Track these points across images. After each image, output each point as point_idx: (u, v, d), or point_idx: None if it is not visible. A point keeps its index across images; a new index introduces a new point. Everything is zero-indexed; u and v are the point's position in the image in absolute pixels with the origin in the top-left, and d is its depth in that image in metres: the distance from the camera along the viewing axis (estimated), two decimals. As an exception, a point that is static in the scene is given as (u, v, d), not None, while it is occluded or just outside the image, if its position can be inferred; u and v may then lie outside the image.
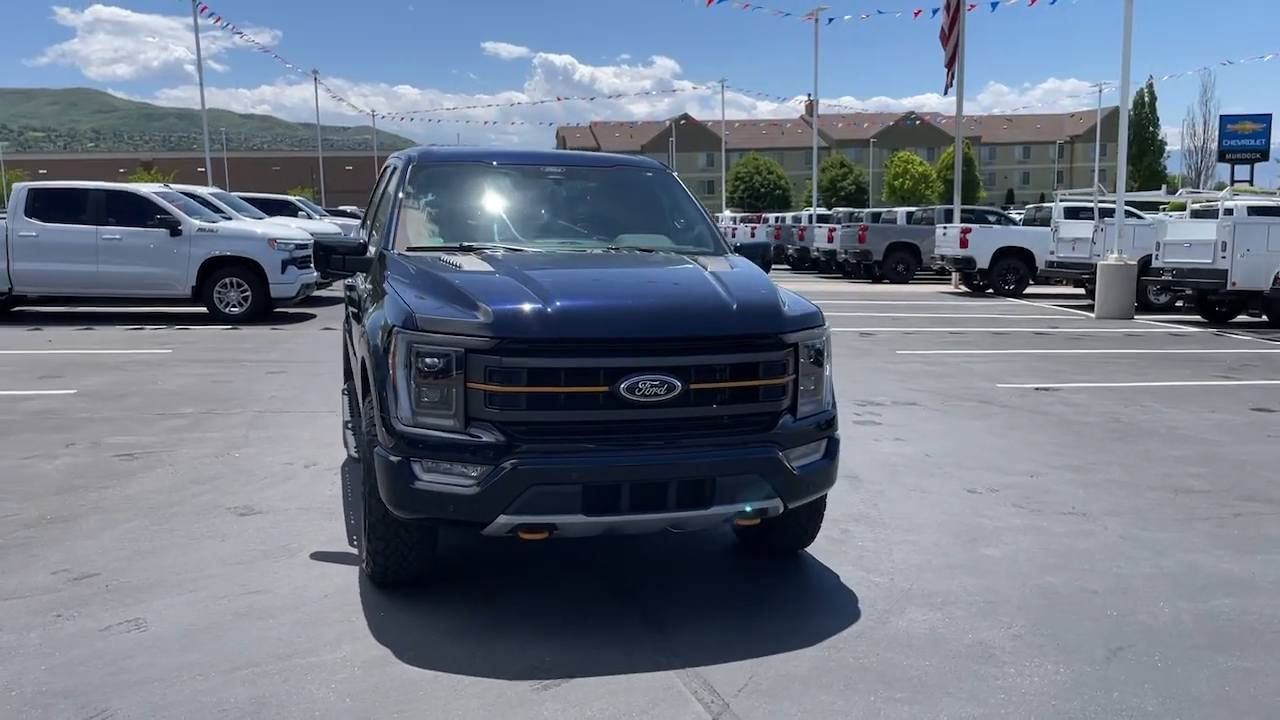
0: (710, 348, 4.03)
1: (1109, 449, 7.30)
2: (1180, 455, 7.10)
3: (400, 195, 5.30)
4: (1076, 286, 21.85)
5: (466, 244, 4.98)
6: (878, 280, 27.12)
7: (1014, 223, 25.39)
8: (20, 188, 14.56)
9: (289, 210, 26.08)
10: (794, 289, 4.84)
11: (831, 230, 29.43)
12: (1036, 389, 9.80)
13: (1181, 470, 6.67)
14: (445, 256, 4.77)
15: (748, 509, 4.10)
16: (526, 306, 3.95)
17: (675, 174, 5.91)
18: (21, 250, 14.22)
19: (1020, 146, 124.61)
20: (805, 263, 32.47)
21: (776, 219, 41.48)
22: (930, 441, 7.43)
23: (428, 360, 3.89)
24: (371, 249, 5.22)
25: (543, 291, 4.05)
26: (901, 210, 30.11)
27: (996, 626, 4.09)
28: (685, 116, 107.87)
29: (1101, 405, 8.96)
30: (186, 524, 5.32)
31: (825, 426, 4.38)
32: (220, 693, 3.45)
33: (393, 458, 3.94)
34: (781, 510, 4.21)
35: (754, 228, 39.00)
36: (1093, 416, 8.46)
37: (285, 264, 15.25)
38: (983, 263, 22.53)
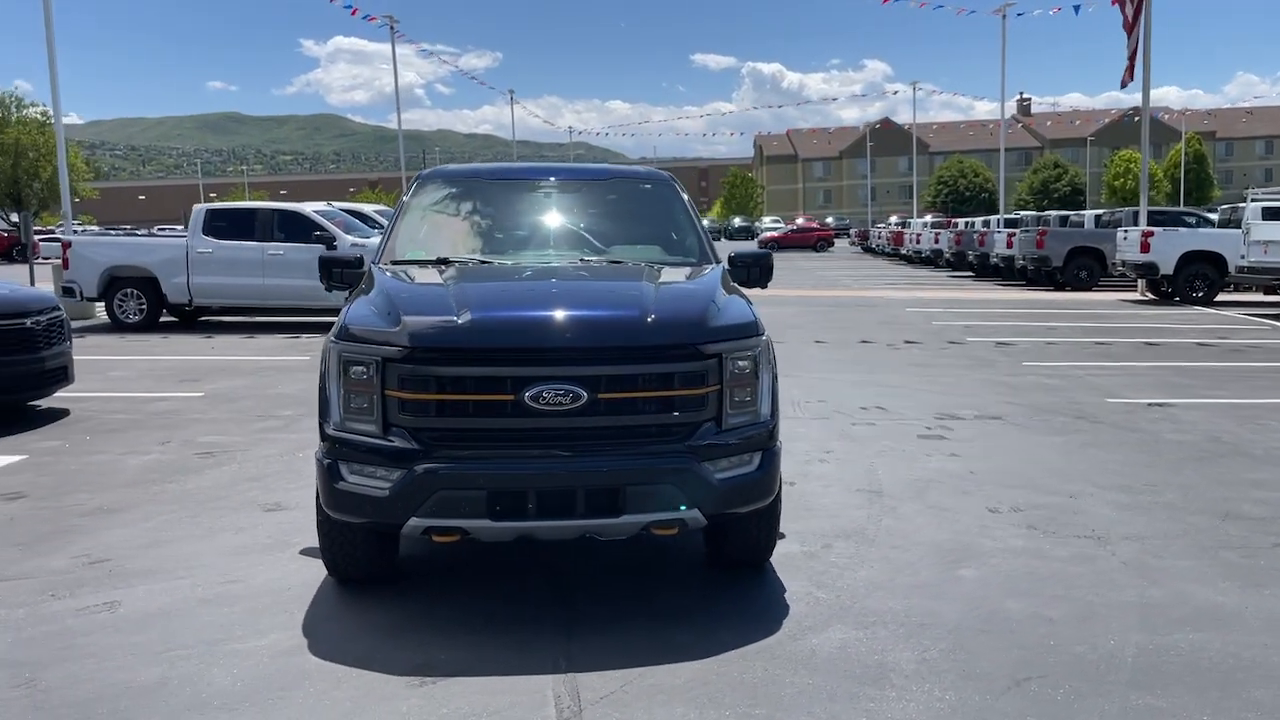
0: (618, 358, 4.09)
1: (1181, 470, 6.78)
2: (1258, 479, 6.52)
3: (400, 211, 5.62)
4: (1268, 294, 20.05)
5: (445, 258, 5.21)
6: (1060, 287, 25.74)
7: (1212, 225, 23.53)
8: (199, 209, 16.03)
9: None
10: (949, 297, 4.85)
11: (1011, 235, 28.16)
12: (1149, 404, 9.16)
13: (1247, 495, 6.13)
14: (414, 270, 5.02)
15: (662, 518, 4.13)
16: (438, 318, 4.14)
17: (678, 185, 5.94)
18: (199, 265, 15.64)
19: (1262, 141, 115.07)
20: (986, 269, 31.19)
21: (966, 223, 40.01)
22: (986, 458, 7.11)
23: (353, 368, 4.14)
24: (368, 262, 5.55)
25: (464, 303, 4.22)
26: (1089, 213, 28.45)
27: (912, 649, 3.95)
28: (884, 120, 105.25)
29: (1210, 423, 8.29)
30: (215, 518, 5.80)
31: (760, 438, 4.34)
32: (137, 670, 3.79)
33: (324, 460, 4.21)
34: (704, 521, 4.22)
35: (937, 234, 37.77)
36: (1191, 435, 7.85)
37: None
38: (1166, 268, 21.03)
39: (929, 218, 52.32)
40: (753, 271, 5.67)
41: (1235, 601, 4.44)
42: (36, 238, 22.89)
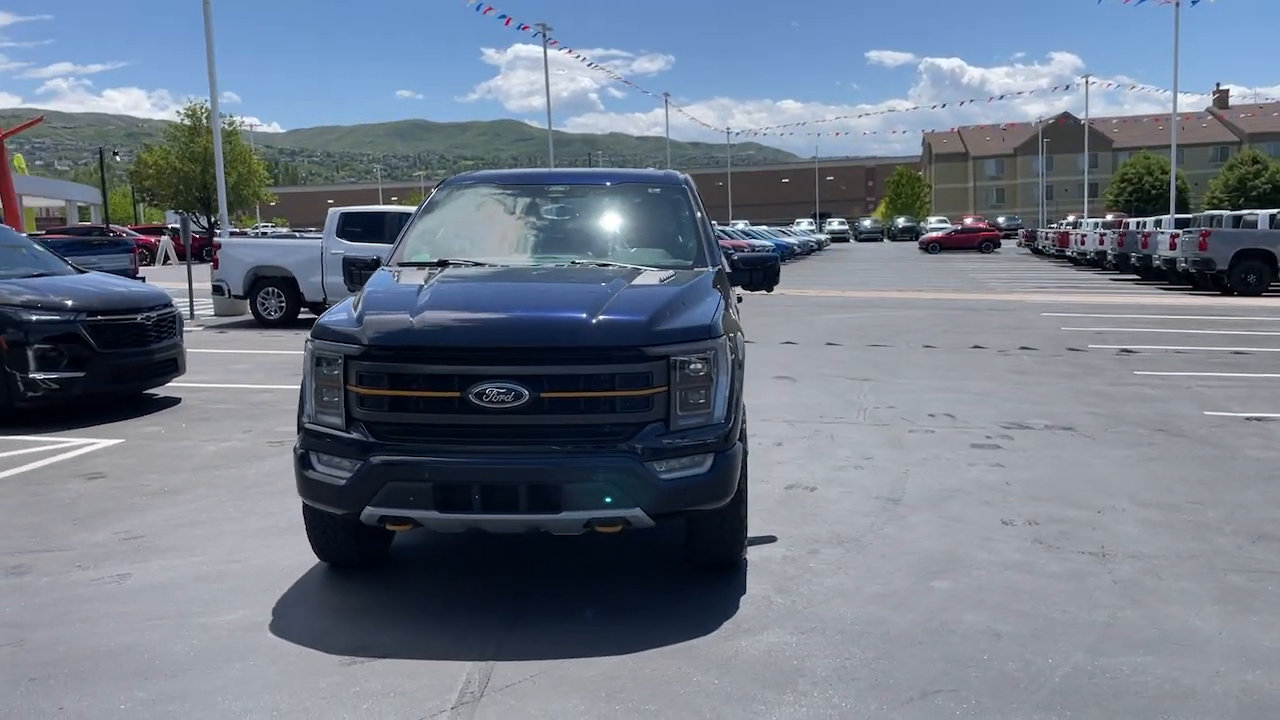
0: (560, 359, 4.22)
1: (1242, 488, 6.37)
2: (1321, 500, 6.06)
3: (416, 215, 5.91)
4: None
5: (444, 260, 5.46)
6: (1226, 292, 24.11)
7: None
8: (334, 213, 16.96)
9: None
10: (1096, 302, 4.90)
11: (1175, 236, 26.55)
12: (1246, 419, 8.59)
13: (1296, 516, 5.73)
14: (409, 271, 5.29)
15: (603, 516, 4.24)
16: (394, 316, 4.38)
17: (688, 189, 5.99)
18: (332, 266, 16.55)
19: None
20: (1150, 273, 29.48)
21: (1137, 223, 37.89)
22: (1030, 469, 6.86)
23: (323, 365, 4.42)
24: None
25: (426, 303, 4.45)
26: (1264, 213, 26.52)
27: (836, 657, 3.92)
28: (1062, 115, 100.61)
29: (1305, 439, 7.72)
30: (254, 502, 6.24)
31: (713, 441, 4.38)
32: (112, 637, 4.17)
33: (299, 450, 4.51)
34: (649, 521, 4.30)
35: (1102, 235, 35.93)
36: (1277, 452, 7.34)
37: None
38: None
39: (1109, 217, 49.74)
40: (755, 275, 5.70)
41: (1211, 627, 4.20)
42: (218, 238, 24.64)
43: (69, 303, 8.90)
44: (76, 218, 52.64)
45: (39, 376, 8.54)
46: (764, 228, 58.23)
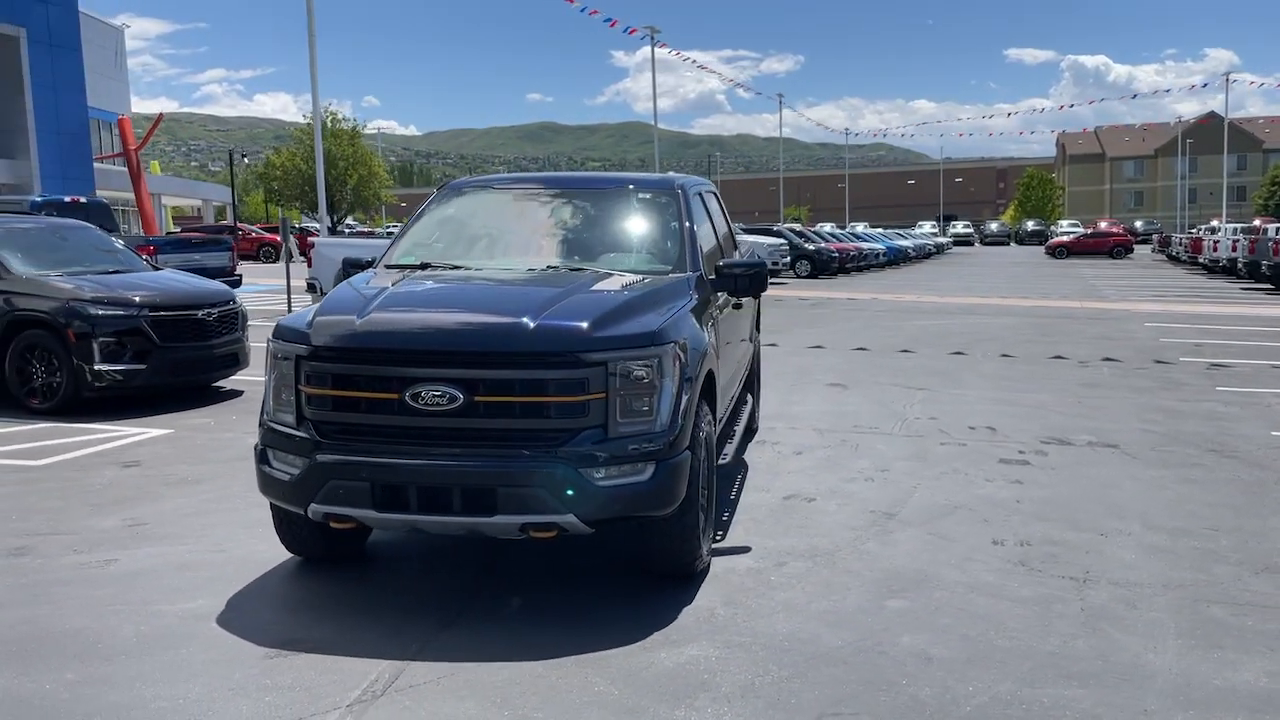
0: (495, 363, 4.26)
1: (1269, 516, 6.00)
2: (1354, 530, 5.64)
3: (413, 218, 6.04)
4: None
5: (427, 262, 5.56)
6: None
7: None
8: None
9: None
10: (1211, 312, 4.88)
11: (1306, 244, 24.96)
12: (1315, 439, 8.05)
13: (1316, 547, 5.35)
14: (388, 273, 5.40)
15: (536, 520, 4.26)
16: (342, 318, 4.49)
17: (681, 194, 5.93)
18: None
19: None
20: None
21: (1276, 229, 35.77)
22: (1050, 488, 6.58)
23: (279, 364, 4.57)
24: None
25: (374, 306, 4.55)
26: None
27: (750, 674, 3.85)
28: (1207, 114, 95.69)
29: (1369, 464, 7.19)
30: (259, 495, 6.44)
31: (656, 448, 4.36)
32: (71, 619, 4.39)
33: (258, 446, 4.67)
34: (584, 528, 4.31)
35: (1234, 241, 34.04)
36: (1332, 476, 6.87)
37: None
38: None
39: (1256, 222, 47.04)
40: (740, 282, 5.63)
41: (1164, 661, 3.97)
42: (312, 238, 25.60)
43: (135, 298, 9.37)
44: (212, 216, 55.38)
45: (103, 368, 9.02)
46: (875, 229, 57.16)
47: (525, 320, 4.34)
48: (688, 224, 5.75)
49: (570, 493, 4.21)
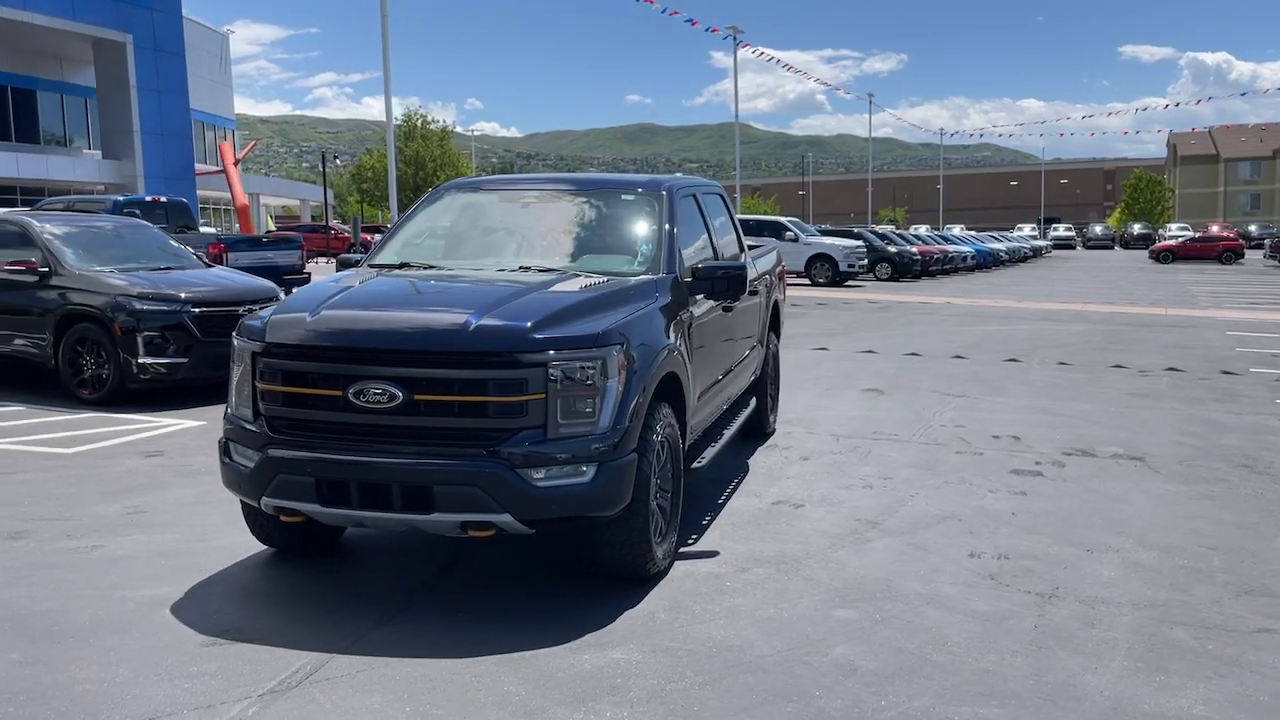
0: (434, 362, 4.31)
1: (1276, 537, 5.70)
2: (1362, 554, 5.34)
3: (405, 217, 6.15)
4: None
5: (406, 261, 5.66)
6: None
7: None
8: None
9: (776, 230, 27.73)
10: None
11: None
12: (1362, 457, 7.62)
13: (1314, 570, 5.08)
14: (363, 271, 5.51)
15: (473, 519, 4.31)
16: (295, 316, 4.60)
17: (665, 197, 5.90)
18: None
19: None
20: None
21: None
22: (1052, 501, 6.37)
23: (241, 360, 4.71)
24: None
25: (327, 304, 4.66)
26: None
27: (666, 679, 3.83)
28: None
29: None
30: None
31: (598, 450, 4.36)
32: (41, 603, 4.58)
33: (221, 439, 4.82)
34: (521, 527, 4.34)
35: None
36: (1365, 496, 6.51)
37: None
38: None
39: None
40: (718, 284, 5.60)
41: (1101, 683, 3.82)
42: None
43: (180, 294, 9.72)
44: (309, 216, 57.06)
45: (147, 361, 9.39)
46: (970, 232, 55.94)
47: (466, 320, 4.39)
48: (668, 226, 5.72)
49: (506, 493, 4.24)
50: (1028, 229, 79.00)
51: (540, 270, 5.36)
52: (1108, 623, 4.41)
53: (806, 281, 28.64)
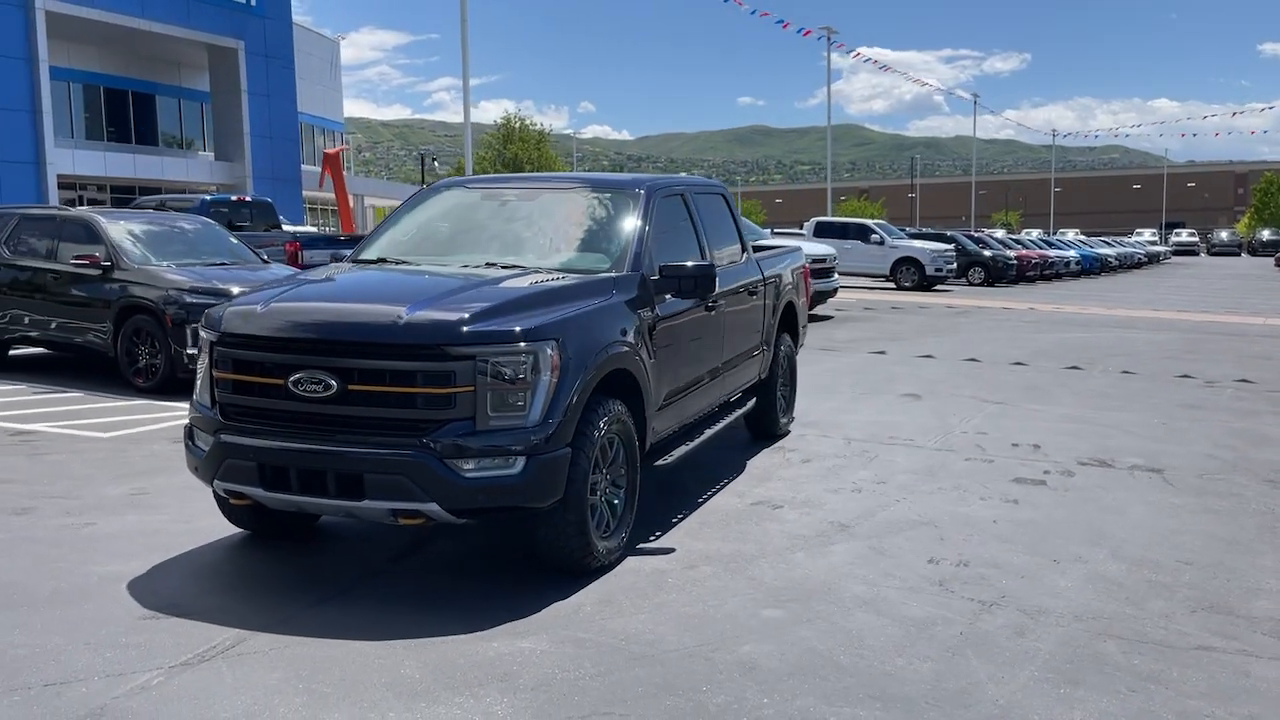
0: (366, 353, 4.45)
1: (1265, 555, 5.45)
2: (1350, 574, 5.06)
3: (393, 214, 6.34)
4: None
5: (383, 258, 5.84)
6: None
7: None
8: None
9: (861, 233, 27.47)
10: None
11: None
12: (1405, 475, 7.18)
13: (1287, 589, 4.85)
14: (337, 266, 5.72)
15: (403, 507, 4.44)
16: (249, 307, 4.80)
17: (643, 196, 5.94)
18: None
19: None
20: None
21: None
22: (1043, 511, 6.20)
23: (202, 348, 4.94)
24: None
25: (278, 296, 4.85)
26: None
27: (561, 669, 3.88)
28: None
29: None
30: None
31: (527, 443, 4.45)
32: (14, 574, 4.87)
33: (186, 424, 5.06)
34: (449, 516, 4.45)
35: None
36: (1387, 515, 6.15)
37: None
38: None
39: None
40: (685, 283, 5.62)
41: (998, 692, 3.74)
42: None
43: (232, 289, 10.11)
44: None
45: (194, 352, 9.81)
46: (1082, 237, 54.14)
47: (400, 313, 4.51)
48: (640, 225, 5.76)
49: (432, 483, 4.35)
50: (1147, 234, 76.15)
51: (503, 266, 5.46)
52: (1039, 633, 4.30)
53: (892, 285, 28.19)
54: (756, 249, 8.23)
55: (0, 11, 30.50)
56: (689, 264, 5.62)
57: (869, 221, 29.30)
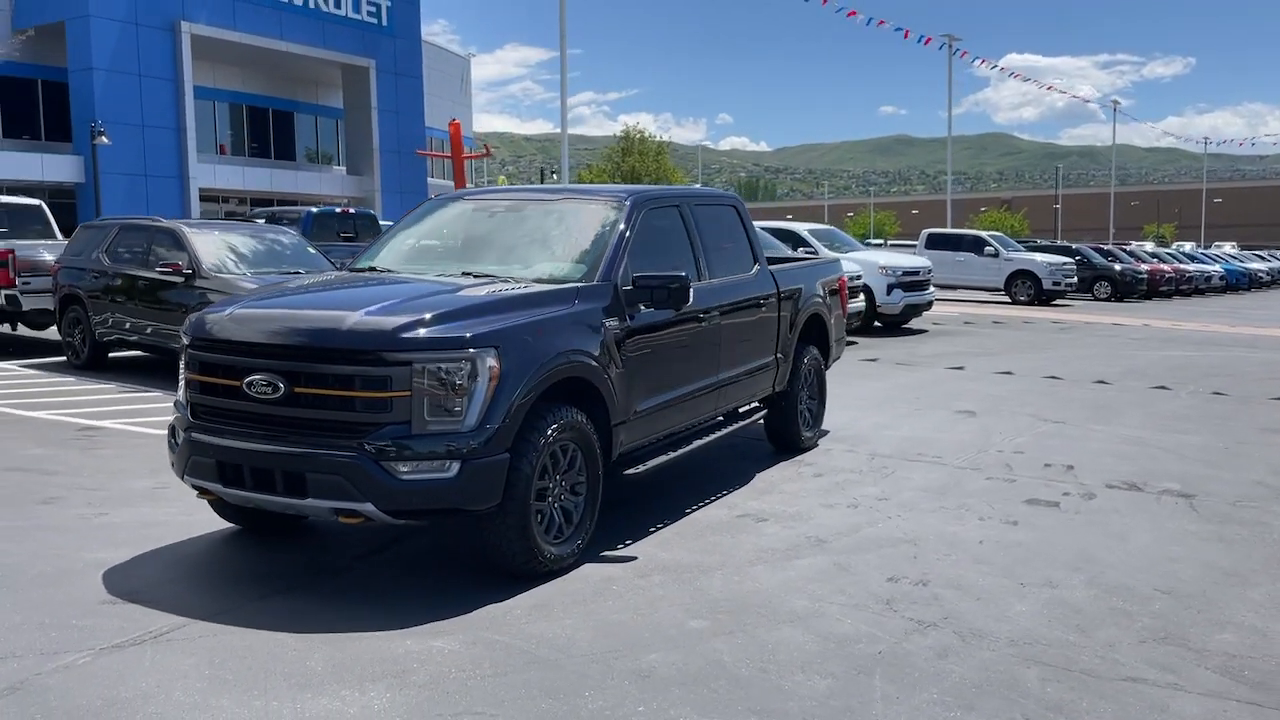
0: (308, 357, 4.65)
1: (1255, 587, 5.12)
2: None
3: (395, 225, 6.58)
4: None
5: (371, 266, 6.07)
6: None
7: None
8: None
9: (976, 245, 26.81)
10: None
11: None
12: None
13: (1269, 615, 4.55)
14: (330, 275, 5.96)
15: (342, 506, 4.62)
16: (216, 313, 5.07)
17: (627, 207, 5.99)
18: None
19: None
20: None
21: None
22: (1040, 533, 5.97)
23: (182, 352, 5.24)
24: None
25: (244, 303, 5.12)
26: None
27: (454, 669, 3.97)
28: None
29: None
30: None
31: (462, 447, 4.57)
32: (13, 557, 5.25)
33: (170, 424, 5.37)
34: (385, 517, 4.61)
35: None
36: None
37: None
38: None
39: None
40: (658, 294, 5.65)
41: (888, 712, 3.66)
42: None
43: (298, 297, 10.62)
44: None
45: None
46: (1234, 250, 51.28)
47: (344, 320, 4.70)
48: (617, 236, 5.81)
49: (368, 483, 4.51)
50: (1313, 248, 71.44)
51: (477, 276, 5.61)
52: (962, 656, 4.16)
53: (1006, 300, 27.31)
54: (785, 260, 8.15)
55: (150, 36, 32.64)
56: (662, 274, 5.64)
57: (983, 233, 28.46)
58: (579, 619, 4.51)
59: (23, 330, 14.47)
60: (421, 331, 4.64)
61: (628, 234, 5.86)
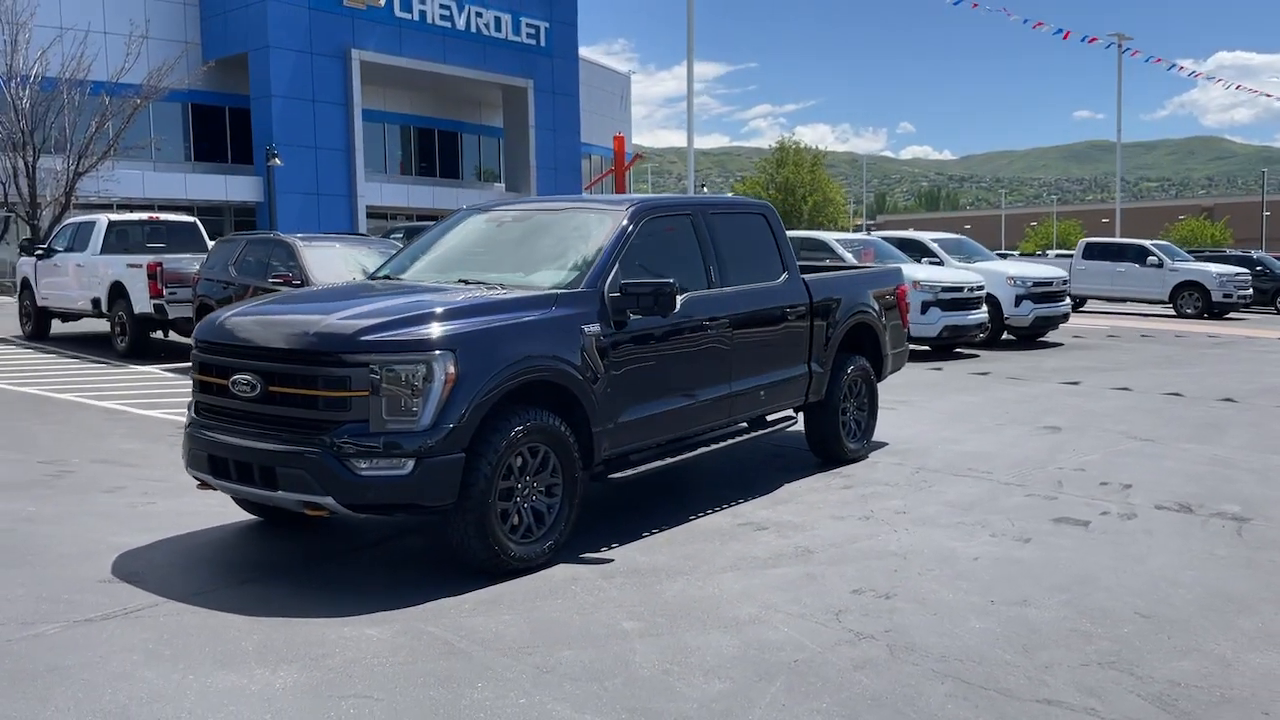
0: (278, 358, 4.97)
1: (1250, 614, 4.74)
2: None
3: (422, 236, 6.89)
4: None
5: (387, 275, 6.37)
6: None
7: None
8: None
9: (1139, 255, 25.63)
10: None
11: None
12: None
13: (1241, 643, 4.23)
14: (343, 282, 6.29)
15: (307, 499, 4.91)
16: (216, 318, 5.46)
17: (624, 215, 6.07)
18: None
19: None
20: None
21: None
22: (1053, 552, 5.70)
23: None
24: None
25: (242, 309, 5.49)
26: None
27: (373, 656, 4.16)
28: None
29: None
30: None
31: (417, 446, 4.79)
32: (49, 537, 5.79)
33: (184, 422, 5.80)
34: (344, 510, 4.87)
35: None
36: None
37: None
38: None
39: None
40: (643, 301, 5.71)
41: (764, 718, 3.61)
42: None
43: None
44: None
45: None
46: None
47: (313, 324, 5.00)
48: (610, 243, 5.91)
49: (327, 478, 4.78)
50: None
51: (468, 282, 5.84)
52: (879, 669, 4.06)
53: (1172, 313, 25.70)
54: (826, 269, 8.02)
55: (323, 64, 34.78)
56: (647, 281, 5.70)
57: (1147, 242, 26.86)
58: (518, 615, 4.63)
59: (174, 336, 15.70)
60: (381, 335, 4.88)
61: (621, 242, 5.95)
